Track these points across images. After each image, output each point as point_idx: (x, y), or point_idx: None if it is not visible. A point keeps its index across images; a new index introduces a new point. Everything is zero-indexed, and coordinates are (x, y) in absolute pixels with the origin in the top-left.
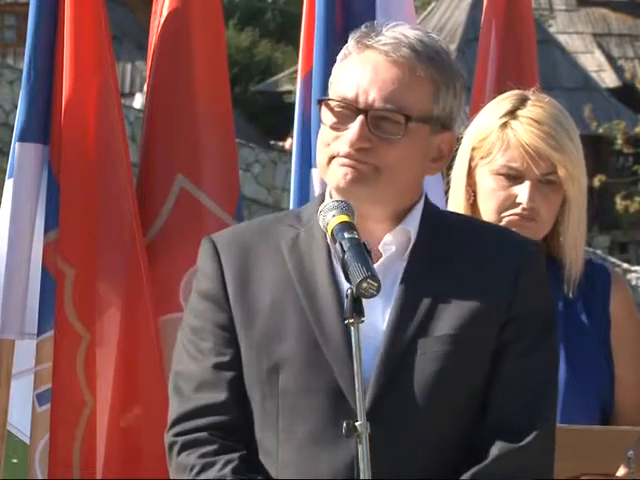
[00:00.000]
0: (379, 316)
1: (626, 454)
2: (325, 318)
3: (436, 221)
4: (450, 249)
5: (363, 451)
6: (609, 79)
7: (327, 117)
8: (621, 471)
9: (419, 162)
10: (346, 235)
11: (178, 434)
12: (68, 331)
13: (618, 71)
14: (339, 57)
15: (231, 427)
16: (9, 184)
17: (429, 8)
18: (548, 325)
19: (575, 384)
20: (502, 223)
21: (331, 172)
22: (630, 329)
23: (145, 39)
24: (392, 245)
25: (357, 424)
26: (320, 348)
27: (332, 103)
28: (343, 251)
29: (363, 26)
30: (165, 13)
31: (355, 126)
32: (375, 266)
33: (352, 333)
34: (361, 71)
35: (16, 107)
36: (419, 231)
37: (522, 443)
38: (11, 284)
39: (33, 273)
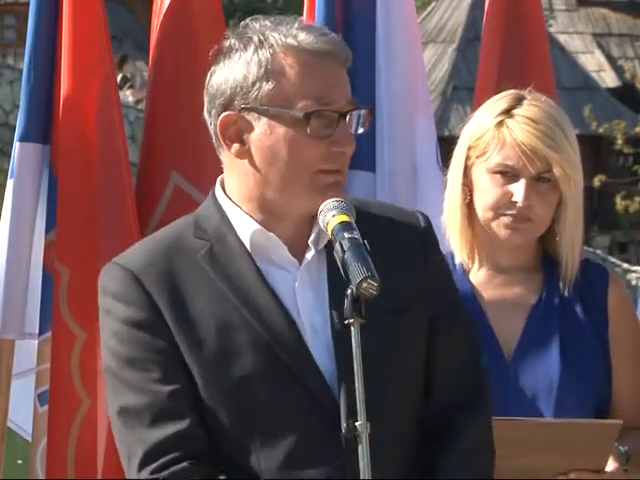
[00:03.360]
0: (313, 310)
1: (612, 446)
2: (275, 328)
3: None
4: (363, 233)
5: (363, 451)
6: (609, 79)
7: (318, 126)
8: (611, 465)
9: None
10: (346, 235)
11: (155, 471)
12: (63, 331)
13: (618, 71)
14: (301, 61)
15: (204, 452)
16: (10, 184)
17: (429, 8)
18: (457, 297)
19: (571, 381)
20: (497, 223)
21: (319, 188)
22: (627, 327)
23: (145, 39)
24: (320, 239)
25: (357, 424)
26: (280, 359)
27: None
28: (343, 251)
29: (296, 24)
30: (166, 12)
31: (342, 129)
32: (304, 264)
33: (352, 333)
34: (326, 75)
35: (16, 107)
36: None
37: (481, 412)
38: (11, 284)
39: (33, 273)
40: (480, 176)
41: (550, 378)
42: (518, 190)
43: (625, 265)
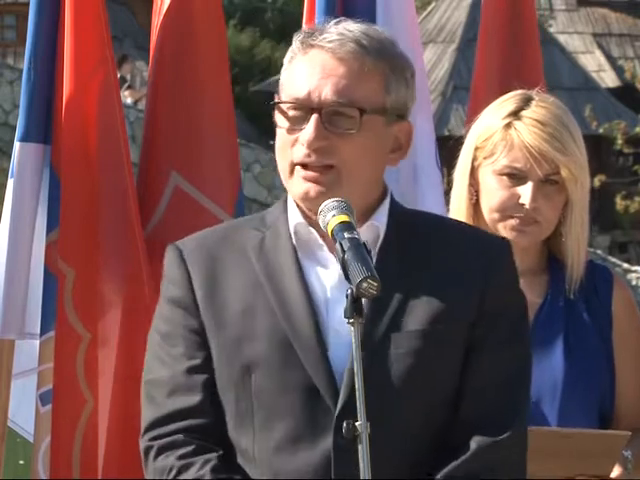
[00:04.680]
0: (341, 309)
1: (618, 456)
2: (295, 317)
3: (404, 217)
4: (420, 246)
5: (363, 451)
6: (609, 79)
7: (282, 120)
8: (616, 471)
9: (378, 154)
10: (346, 235)
11: (154, 438)
12: (68, 331)
13: (618, 71)
14: (285, 60)
15: (207, 429)
16: (10, 184)
17: (429, 8)
18: (519, 323)
19: (575, 383)
20: (503, 225)
21: (294, 184)
22: (631, 329)
23: (145, 39)
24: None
25: (357, 424)
26: (292, 347)
27: (285, 105)
28: (343, 251)
29: (305, 27)
30: (166, 12)
31: (310, 125)
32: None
33: (352, 333)
34: (310, 70)
35: (16, 107)
36: (387, 227)
37: (498, 438)
38: (12, 284)
39: (34, 273)
40: (487, 177)
41: (554, 380)
42: (525, 192)
43: (625, 265)
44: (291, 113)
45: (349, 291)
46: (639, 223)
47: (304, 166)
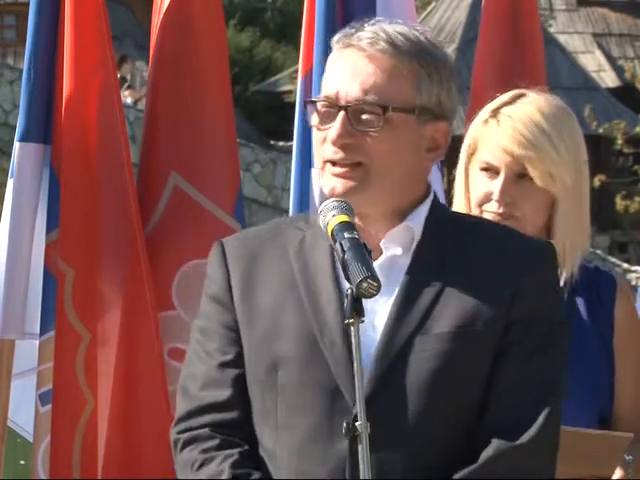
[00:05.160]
0: (380, 314)
1: (620, 458)
2: (325, 317)
3: (443, 220)
4: (456, 248)
5: (363, 451)
6: (609, 79)
7: (315, 119)
8: (617, 474)
9: (410, 154)
10: (346, 235)
11: (182, 431)
12: (68, 331)
13: (618, 71)
14: (329, 58)
15: (234, 424)
16: (10, 184)
17: (429, 8)
18: (554, 329)
19: (574, 386)
20: None
21: (325, 180)
22: (633, 336)
23: (145, 39)
24: (394, 242)
25: (357, 424)
26: (318, 346)
27: (318, 104)
28: (343, 251)
29: (348, 26)
30: (166, 12)
31: (336, 123)
32: (376, 264)
33: (352, 333)
34: (341, 69)
35: (16, 107)
36: (424, 229)
37: (517, 443)
38: (11, 284)
39: (33, 273)
40: (472, 174)
41: None
42: (495, 187)
43: (625, 265)
44: (323, 111)
45: (349, 291)
46: (639, 223)
47: (334, 163)
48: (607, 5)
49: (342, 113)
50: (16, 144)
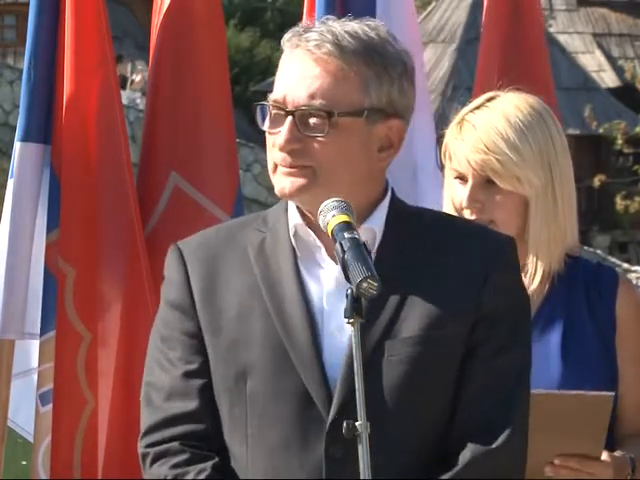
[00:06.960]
0: (337, 314)
1: (605, 424)
2: (291, 323)
3: (404, 218)
4: (419, 247)
5: (363, 451)
6: (609, 79)
7: (265, 122)
8: (604, 455)
9: (359, 156)
10: (346, 235)
11: (150, 445)
12: (69, 331)
13: (618, 71)
14: (281, 57)
15: (203, 435)
16: (10, 184)
17: (429, 8)
18: (520, 324)
19: (571, 384)
20: None
21: (276, 180)
22: (635, 332)
23: (145, 39)
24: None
25: (357, 424)
26: (287, 354)
27: (268, 107)
28: (343, 251)
29: (298, 25)
30: (166, 12)
31: (284, 128)
32: (339, 266)
33: (352, 333)
34: (290, 72)
35: (16, 107)
36: (385, 229)
37: (494, 445)
38: (11, 284)
39: (34, 273)
40: (449, 180)
41: (551, 380)
42: (464, 193)
43: (625, 265)
44: (273, 113)
45: (349, 291)
46: (639, 223)
47: (284, 166)
48: (607, 5)
49: (290, 118)
50: (16, 144)
